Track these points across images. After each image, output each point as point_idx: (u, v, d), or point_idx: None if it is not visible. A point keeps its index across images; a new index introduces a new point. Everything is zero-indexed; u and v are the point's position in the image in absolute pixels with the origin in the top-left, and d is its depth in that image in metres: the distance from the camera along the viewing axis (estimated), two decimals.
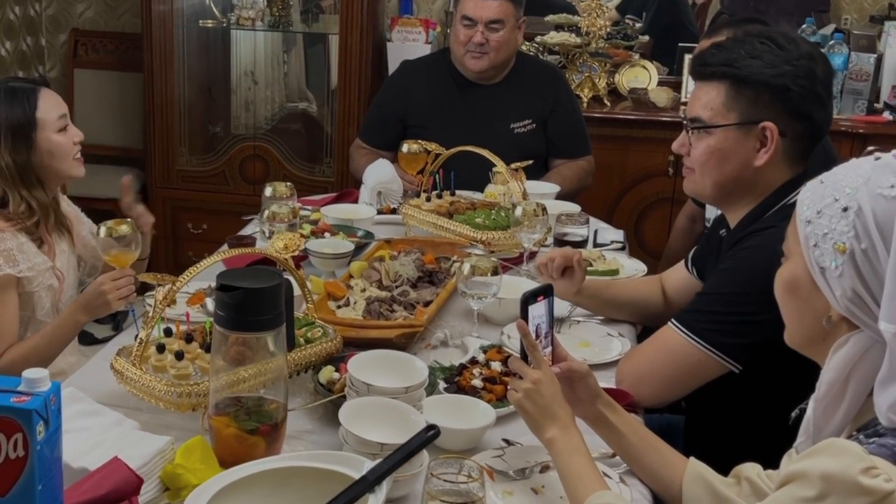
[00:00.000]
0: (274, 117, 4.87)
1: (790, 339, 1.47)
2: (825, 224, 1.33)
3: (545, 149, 3.59)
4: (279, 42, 4.83)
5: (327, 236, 2.72)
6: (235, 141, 4.56)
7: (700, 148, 2.02)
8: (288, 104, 4.95)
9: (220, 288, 1.63)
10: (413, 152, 3.20)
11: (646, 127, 4.32)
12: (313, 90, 4.99)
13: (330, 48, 4.79)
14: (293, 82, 5.02)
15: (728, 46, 1.99)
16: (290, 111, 4.94)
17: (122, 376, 1.83)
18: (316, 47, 4.96)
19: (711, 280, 2.01)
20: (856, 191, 1.31)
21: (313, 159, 4.55)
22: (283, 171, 4.46)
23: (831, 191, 1.34)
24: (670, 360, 1.97)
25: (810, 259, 1.35)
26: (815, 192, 1.37)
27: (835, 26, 4.98)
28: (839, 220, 1.31)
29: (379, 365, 1.82)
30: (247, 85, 4.83)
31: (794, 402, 1.97)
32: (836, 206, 1.32)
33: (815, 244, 1.34)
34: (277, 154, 4.49)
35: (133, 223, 2.37)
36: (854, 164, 1.37)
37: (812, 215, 1.35)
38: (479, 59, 3.47)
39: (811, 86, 1.94)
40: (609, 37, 4.52)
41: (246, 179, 4.50)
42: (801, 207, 1.38)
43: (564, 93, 3.67)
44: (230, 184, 4.51)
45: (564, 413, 1.65)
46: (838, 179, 1.35)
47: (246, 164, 4.50)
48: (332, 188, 4.29)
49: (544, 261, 2.33)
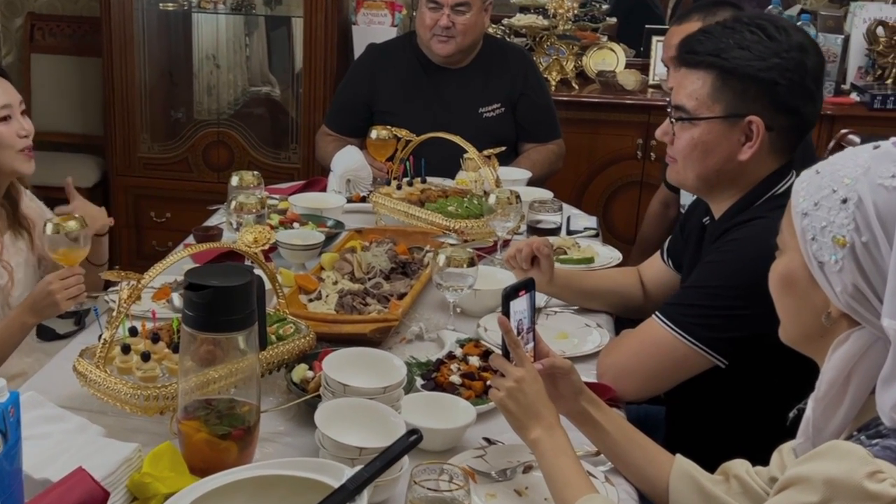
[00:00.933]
0: (237, 102, 4.75)
1: (785, 335, 1.40)
2: (823, 216, 1.26)
3: (515, 133, 3.52)
4: (241, 25, 4.70)
5: (296, 227, 2.63)
6: (199, 127, 4.43)
7: (684, 139, 1.95)
8: (251, 88, 4.82)
9: (188, 287, 1.54)
10: (382, 138, 3.11)
11: (614, 110, 4.26)
12: (277, 74, 4.87)
13: (293, 31, 4.67)
14: (256, 66, 4.89)
15: (717, 34, 1.90)
16: (253, 96, 4.82)
17: (85, 379, 1.74)
18: (279, 30, 4.84)
19: (697, 273, 1.95)
20: (855, 181, 1.24)
21: (278, 145, 4.44)
22: (248, 158, 4.35)
23: (829, 181, 1.27)
24: (654, 354, 1.91)
25: (808, 253, 1.28)
26: (811, 183, 1.30)
27: (801, 7, 4.94)
28: (838, 212, 1.24)
29: (355, 363, 1.74)
30: (209, 69, 4.70)
31: (780, 397, 1.92)
32: (835, 197, 1.25)
33: (812, 237, 1.27)
34: (242, 140, 4.38)
35: (82, 219, 2.24)
36: (851, 153, 1.30)
37: (809, 207, 1.28)
38: (445, 42, 3.39)
39: (800, 79, 1.87)
40: (576, 19, 4.44)
41: (210, 166, 4.39)
42: (797, 199, 1.31)
43: (533, 76, 3.59)
44: (194, 171, 4.40)
45: (549, 412, 1.58)
46: (836, 169, 1.28)
47: (210, 150, 4.39)
48: (299, 175, 4.20)
49: (512, 252, 2.26)
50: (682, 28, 2.74)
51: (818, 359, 1.35)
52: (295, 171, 4.28)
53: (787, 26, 1.89)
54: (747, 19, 1.91)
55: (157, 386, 1.69)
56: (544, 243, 2.23)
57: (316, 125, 4.20)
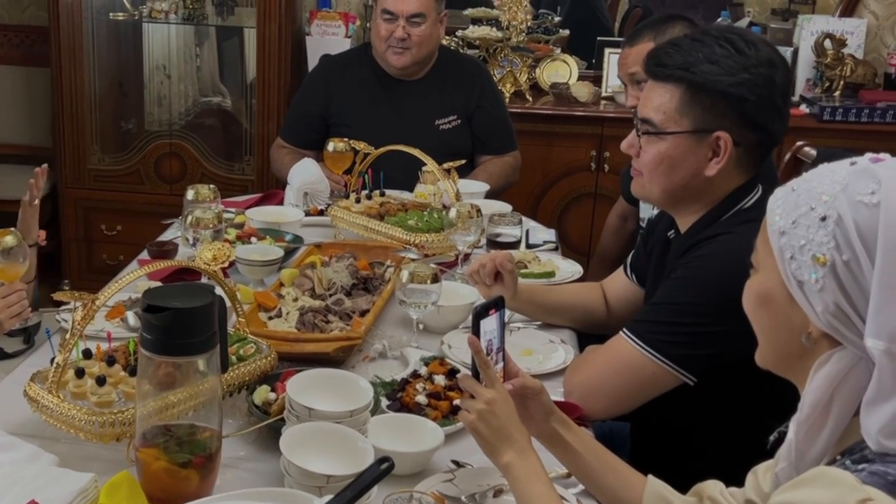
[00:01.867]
0: (189, 113, 4.64)
1: (763, 358, 1.34)
2: (802, 234, 1.20)
3: (471, 145, 3.46)
4: (192, 35, 4.60)
5: (254, 241, 2.55)
6: (150, 138, 4.32)
7: (650, 153, 1.91)
8: (202, 99, 4.73)
9: (147, 308, 1.46)
10: (339, 151, 3.04)
11: (568, 122, 4.22)
12: (228, 84, 4.78)
13: (245, 42, 4.58)
14: (207, 76, 4.79)
15: (685, 47, 1.85)
16: (204, 106, 4.72)
17: (37, 404, 1.65)
18: (230, 41, 4.75)
19: (664, 288, 1.90)
20: (834, 198, 1.19)
21: (232, 157, 4.34)
22: (201, 170, 4.25)
23: (806, 199, 1.22)
24: (623, 371, 1.86)
25: (786, 272, 1.23)
26: (786, 201, 1.25)
27: (750, 20, 4.96)
28: (817, 229, 1.19)
29: (319, 385, 1.66)
30: (159, 79, 4.59)
31: (747, 414, 1.89)
32: (813, 214, 1.20)
33: (791, 256, 1.22)
34: (194, 151, 4.27)
35: (18, 233, 2.15)
36: (828, 170, 1.25)
37: (786, 226, 1.23)
38: (401, 54, 3.32)
39: (769, 95, 1.83)
40: (529, 31, 4.40)
41: (162, 178, 4.27)
42: (773, 217, 1.26)
43: (489, 88, 3.54)
44: (145, 183, 4.28)
45: (521, 435, 1.52)
46: (812, 187, 1.23)
47: (161, 162, 4.27)
48: (253, 187, 4.11)
49: (475, 267, 2.20)
50: (636, 49, 2.71)
51: (797, 381, 1.30)
52: (249, 182, 4.19)
53: (755, 41, 1.85)
54: (716, 32, 1.86)
55: (113, 411, 1.60)
56: (507, 258, 2.17)
57: (270, 136, 4.12)
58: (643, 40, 2.71)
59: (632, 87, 2.75)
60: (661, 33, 2.69)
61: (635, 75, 2.70)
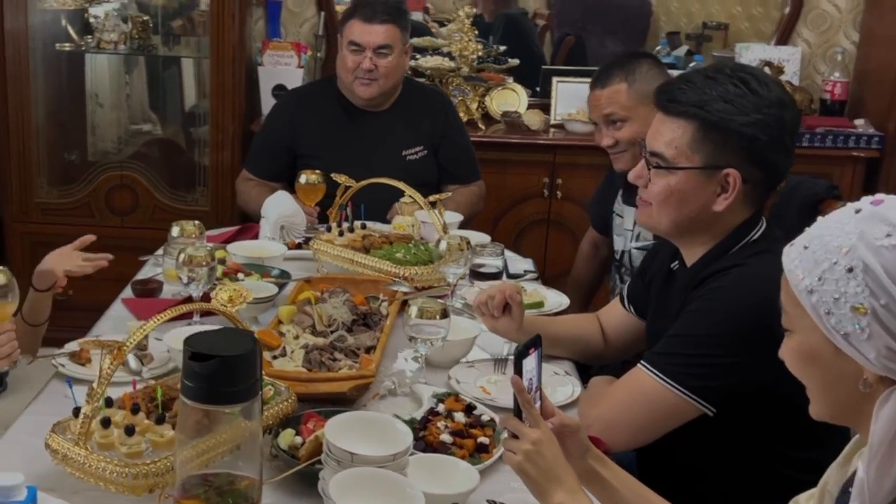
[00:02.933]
0: (138, 144, 4.53)
1: (818, 411, 1.33)
2: (832, 289, 1.21)
3: (437, 175, 3.44)
4: (137, 65, 4.51)
5: (241, 277, 2.48)
6: (100, 170, 4.19)
7: (659, 185, 1.91)
8: (146, 129, 4.62)
9: (192, 357, 1.39)
10: (311, 183, 3.00)
11: (520, 150, 4.23)
12: (169, 114, 4.69)
13: (183, 71, 4.54)
14: (138, 105, 4.68)
15: (699, 84, 1.87)
16: (153, 137, 4.62)
17: (61, 457, 1.57)
18: (170, 70, 4.66)
19: (681, 321, 1.89)
20: (853, 249, 1.20)
21: (185, 187, 4.24)
22: (153, 201, 4.14)
23: (823, 254, 1.23)
24: (644, 403, 1.85)
25: (828, 328, 1.23)
26: (804, 260, 1.25)
27: (687, 48, 5.05)
28: (847, 281, 1.20)
29: (355, 428, 1.61)
30: (105, 111, 4.48)
31: (760, 442, 1.91)
32: (838, 268, 1.21)
33: (827, 311, 1.22)
34: (146, 183, 4.16)
35: (6, 270, 2.07)
36: (834, 221, 1.25)
37: (813, 283, 1.23)
38: (368, 85, 3.29)
39: (779, 135, 1.86)
40: (480, 61, 4.40)
41: (113, 211, 4.15)
42: (795, 278, 1.26)
43: (453, 118, 3.54)
44: (96, 216, 4.14)
45: (569, 475, 1.50)
46: (825, 241, 1.24)
47: (112, 194, 4.15)
48: (207, 218, 4.00)
49: (483, 299, 2.17)
50: (608, 92, 2.72)
51: (859, 427, 1.30)
52: (203, 213, 4.08)
53: (767, 80, 1.88)
54: (729, 71, 1.88)
55: (146, 462, 1.53)
56: (516, 290, 2.16)
57: (223, 166, 4.04)
58: (614, 81, 2.73)
59: (606, 127, 2.75)
60: (631, 73, 2.72)
61: (611, 115, 2.72)
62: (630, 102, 2.71)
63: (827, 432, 1.93)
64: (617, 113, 2.71)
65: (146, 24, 4.24)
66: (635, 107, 2.70)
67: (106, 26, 4.05)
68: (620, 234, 2.86)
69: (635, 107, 2.70)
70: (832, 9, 4.58)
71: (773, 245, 1.93)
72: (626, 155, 2.74)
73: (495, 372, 2.17)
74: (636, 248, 2.79)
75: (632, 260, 2.81)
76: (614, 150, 2.76)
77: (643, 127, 2.67)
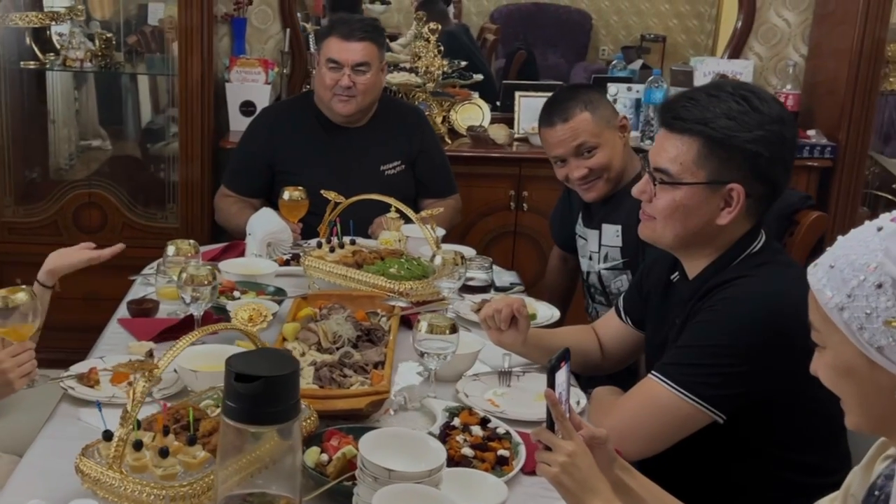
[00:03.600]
0: (93, 160, 4.47)
1: (856, 423, 1.35)
2: (863, 305, 1.24)
3: (415, 189, 3.45)
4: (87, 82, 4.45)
5: (237, 295, 2.46)
6: (68, 188, 4.12)
7: (665, 199, 1.95)
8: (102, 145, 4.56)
9: (237, 378, 1.39)
10: (295, 199, 3.00)
11: (487, 163, 4.26)
12: (127, 129, 4.64)
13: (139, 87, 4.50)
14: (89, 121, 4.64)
15: (703, 102, 1.91)
16: (114, 154, 4.56)
17: (94, 481, 1.54)
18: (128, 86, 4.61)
19: (691, 332, 1.93)
20: (881, 265, 1.24)
21: (155, 204, 4.18)
22: (123, 219, 4.08)
23: (850, 272, 1.26)
24: (657, 413, 1.88)
25: (861, 343, 1.26)
26: (831, 279, 1.28)
27: (642, 61, 5.12)
28: (877, 297, 1.23)
29: (388, 445, 1.61)
30: (70, 128, 4.41)
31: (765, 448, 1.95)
32: (867, 284, 1.24)
33: (860, 327, 1.26)
34: (115, 201, 4.09)
35: (31, 290, 2.04)
36: (857, 240, 1.28)
37: (843, 301, 1.27)
38: (347, 102, 3.30)
39: (780, 151, 1.91)
40: (445, 76, 4.43)
41: (81, 229, 4.08)
42: (823, 297, 1.28)
43: (429, 134, 3.56)
44: (63, 234, 4.06)
45: (604, 486, 1.52)
46: (851, 260, 1.27)
47: (80, 212, 4.08)
48: (178, 235, 3.94)
49: (490, 313, 2.18)
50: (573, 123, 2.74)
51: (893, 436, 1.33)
52: (173, 231, 4.02)
53: (767, 98, 1.93)
54: (731, 89, 1.93)
55: (182, 484, 1.52)
56: (522, 303, 2.17)
57: (193, 183, 4.01)
58: (576, 112, 2.74)
59: (576, 158, 2.76)
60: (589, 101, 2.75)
61: (584, 144, 2.74)
62: (598, 129, 2.74)
63: (823, 437, 1.99)
64: (589, 141, 2.73)
65: (109, 42, 4.19)
66: (602, 132, 2.75)
67: (72, 44, 3.98)
68: (585, 256, 2.89)
69: (602, 132, 2.75)
70: (782, 23, 4.69)
71: (775, 256, 1.99)
72: (600, 182, 2.77)
73: (500, 385, 2.19)
74: (605, 269, 2.82)
75: (602, 281, 2.84)
76: (587, 180, 2.78)
77: (612, 151, 2.73)
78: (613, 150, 2.76)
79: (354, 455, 1.68)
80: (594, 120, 2.74)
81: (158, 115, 4.71)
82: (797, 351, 1.88)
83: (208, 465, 1.59)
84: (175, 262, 2.43)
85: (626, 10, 6.30)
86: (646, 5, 6.27)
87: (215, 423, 1.68)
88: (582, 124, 2.74)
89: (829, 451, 1.97)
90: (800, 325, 1.87)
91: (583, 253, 2.93)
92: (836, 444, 1.98)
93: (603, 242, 2.81)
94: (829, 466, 1.97)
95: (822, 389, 1.97)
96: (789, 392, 1.87)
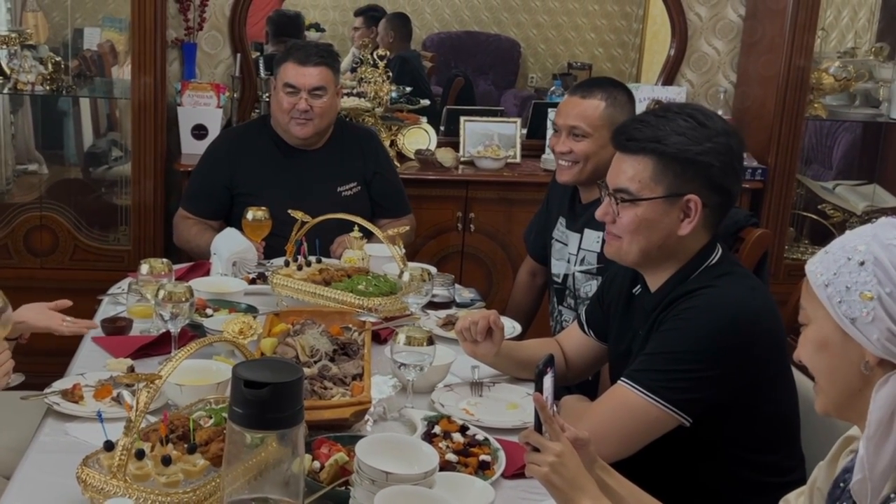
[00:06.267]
0: (40, 184, 4.42)
1: (825, 402, 1.45)
2: (845, 280, 1.36)
3: (371, 210, 3.50)
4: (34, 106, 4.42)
5: (210, 312, 2.49)
6: (18, 211, 4.08)
7: (628, 216, 2.04)
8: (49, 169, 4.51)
9: (246, 384, 1.43)
10: (258, 219, 3.04)
11: (435, 186, 4.33)
12: (68, 153, 4.63)
13: (81, 111, 4.50)
14: (24, 144, 4.57)
15: (652, 123, 2.02)
16: (56, 177, 4.51)
17: (97, 490, 1.56)
18: (68, 109, 4.59)
19: (658, 340, 2.01)
20: (867, 246, 1.36)
21: (107, 227, 4.16)
22: (74, 242, 4.05)
23: (841, 254, 1.38)
24: (628, 418, 1.95)
25: (838, 315, 1.37)
26: (823, 262, 1.40)
27: None
28: (858, 273, 1.35)
29: (382, 450, 1.66)
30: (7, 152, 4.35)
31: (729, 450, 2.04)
32: (852, 263, 1.36)
33: (839, 301, 1.37)
34: (66, 223, 4.07)
35: (2, 294, 2.04)
36: (852, 233, 1.41)
37: (829, 278, 1.38)
38: (304, 125, 3.34)
39: (730, 161, 2.02)
40: (394, 101, 4.49)
41: (32, 252, 4.04)
42: (815, 277, 1.40)
43: (383, 155, 3.62)
44: (14, 257, 4.02)
45: (591, 484, 1.59)
46: (844, 244, 1.39)
47: (31, 235, 4.04)
48: (130, 257, 3.96)
49: (466, 325, 2.24)
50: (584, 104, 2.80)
51: (857, 422, 1.42)
52: (125, 253, 4.03)
53: (711, 114, 2.05)
54: (677, 109, 2.04)
55: (186, 491, 1.55)
56: (497, 316, 2.24)
57: (146, 206, 4.00)
58: (595, 97, 2.82)
59: (567, 135, 2.83)
60: (612, 96, 2.82)
61: (576, 128, 2.81)
62: (599, 122, 2.80)
63: (780, 439, 2.09)
64: (581, 128, 2.80)
65: (58, 65, 4.16)
66: (600, 127, 2.79)
67: (24, 67, 3.96)
68: (561, 259, 2.96)
69: (600, 127, 2.79)
70: (712, 51, 4.85)
71: (733, 268, 2.09)
72: (574, 168, 2.83)
73: (472, 395, 2.25)
74: (580, 272, 2.90)
75: (575, 283, 2.91)
76: (566, 157, 2.84)
77: (599, 149, 2.78)
78: (601, 149, 2.78)
79: (346, 461, 1.73)
80: (602, 114, 2.80)
81: (100, 139, 4.69)
82: (756, 356, 1.99)
83: (208, 473, 1.62)
84: (146, 281, 2.45)
85: (554, 39, 6.44)
86: (572, 34, 6.42)
87: (212, 432, 1.71)
88: (589, 110, 2.80)
89: (785, 452, 2.07)
90: (759, 332, 1.99)
91: (558, 256, 2.98)
92: (793, 446, 2.09)
93: (583, 246, 2.88)
94: (786, 466, 2.07)
95: (778, 393, 2.08)
96: (749, 395, 1.97)
